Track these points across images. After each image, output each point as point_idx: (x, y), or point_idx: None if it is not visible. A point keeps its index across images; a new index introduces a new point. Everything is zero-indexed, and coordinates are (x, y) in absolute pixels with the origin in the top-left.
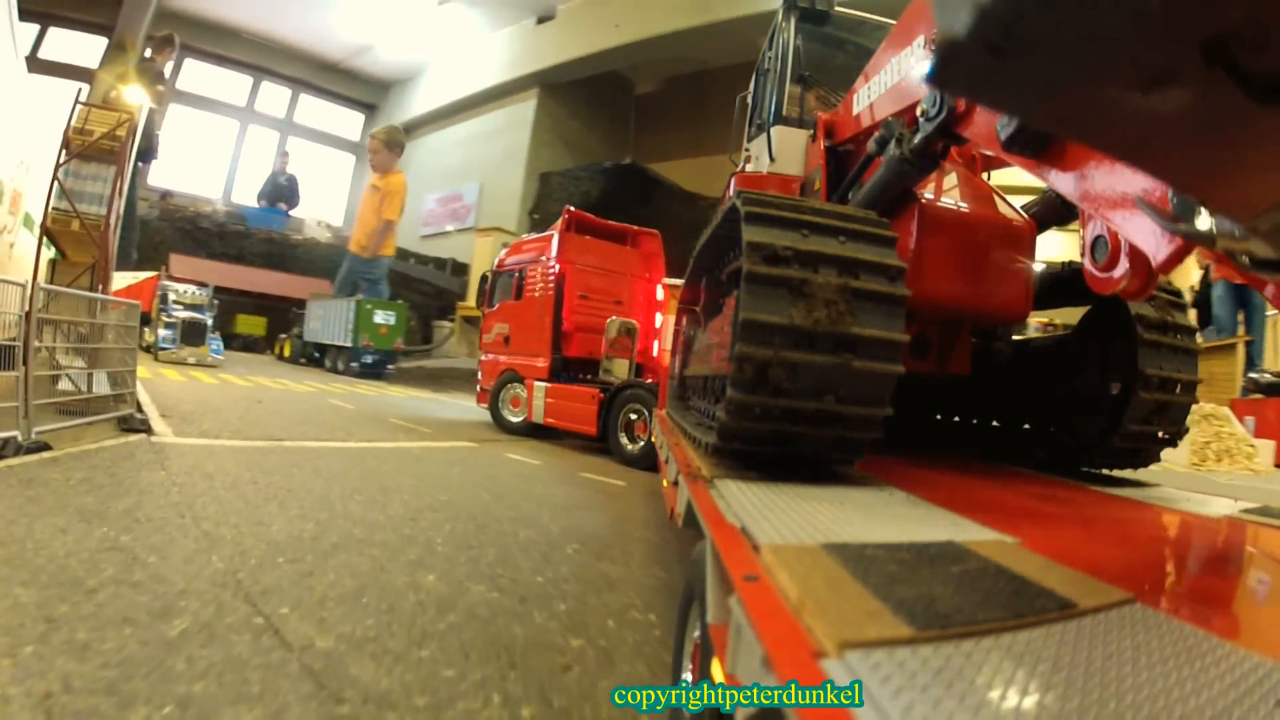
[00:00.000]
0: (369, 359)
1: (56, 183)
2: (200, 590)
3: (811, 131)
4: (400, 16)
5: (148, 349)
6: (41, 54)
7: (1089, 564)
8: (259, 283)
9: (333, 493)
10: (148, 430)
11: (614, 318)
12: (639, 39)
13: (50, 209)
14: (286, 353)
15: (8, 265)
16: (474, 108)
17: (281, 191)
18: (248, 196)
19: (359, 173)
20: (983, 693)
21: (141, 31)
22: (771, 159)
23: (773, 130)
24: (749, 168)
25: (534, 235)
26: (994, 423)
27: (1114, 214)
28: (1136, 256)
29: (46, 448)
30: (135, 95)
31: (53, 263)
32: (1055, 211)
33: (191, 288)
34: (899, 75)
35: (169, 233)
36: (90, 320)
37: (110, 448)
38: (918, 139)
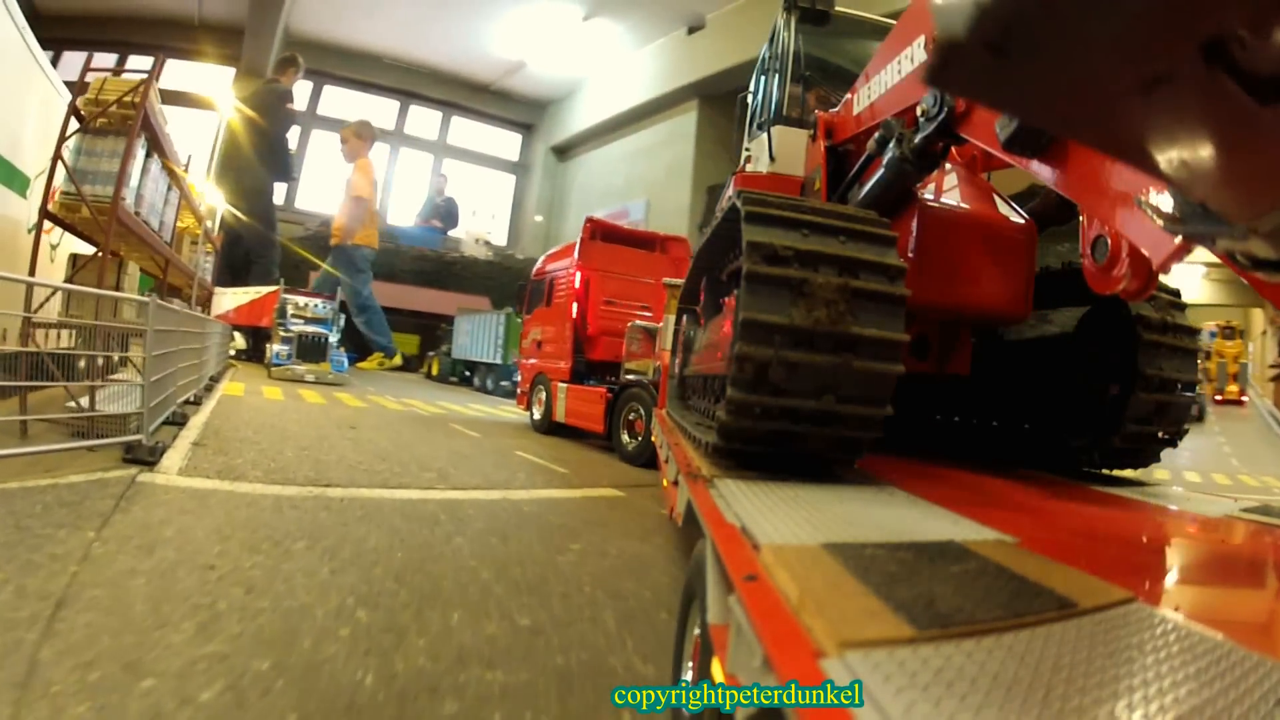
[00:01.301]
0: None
1: (61, 162)
2: None
3: (811, 131)
4: (546, 35)
5: (266, 365)
6: (161, 84)
7: (1089, 564)
8: (412, 300)
9: (327, 602)
10: (151, 462)
11: (634, 322)
12: None
13: (60, 192)
14: (435, 371)
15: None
16: (633, 122)
17: (439, 212)
18: (404, 217)
19: (520, 192)
20: (983, 692)
21: (271, 58)
22: (771, 159)
23: (773, 130)
24: (749, 168)
25: (564, 245)
26: (994, 423)
27: (1114, 214)
28: (1136, 256)
29: None
30: (219, 95)
31: (74, 258)
32: (1055, 211)
33: (314, 301)
34: (899, 75)
35: (311, 249)
36: (83, 322)
37: (68, 485)
38: (918, 139)
